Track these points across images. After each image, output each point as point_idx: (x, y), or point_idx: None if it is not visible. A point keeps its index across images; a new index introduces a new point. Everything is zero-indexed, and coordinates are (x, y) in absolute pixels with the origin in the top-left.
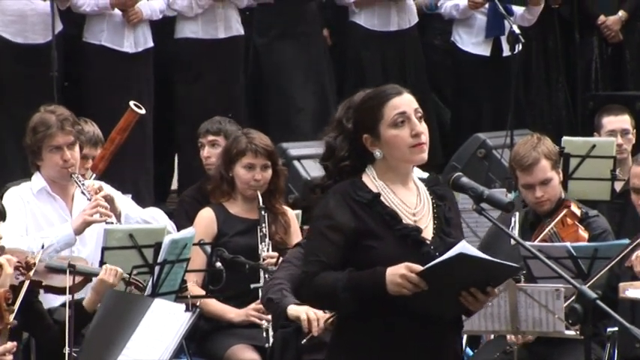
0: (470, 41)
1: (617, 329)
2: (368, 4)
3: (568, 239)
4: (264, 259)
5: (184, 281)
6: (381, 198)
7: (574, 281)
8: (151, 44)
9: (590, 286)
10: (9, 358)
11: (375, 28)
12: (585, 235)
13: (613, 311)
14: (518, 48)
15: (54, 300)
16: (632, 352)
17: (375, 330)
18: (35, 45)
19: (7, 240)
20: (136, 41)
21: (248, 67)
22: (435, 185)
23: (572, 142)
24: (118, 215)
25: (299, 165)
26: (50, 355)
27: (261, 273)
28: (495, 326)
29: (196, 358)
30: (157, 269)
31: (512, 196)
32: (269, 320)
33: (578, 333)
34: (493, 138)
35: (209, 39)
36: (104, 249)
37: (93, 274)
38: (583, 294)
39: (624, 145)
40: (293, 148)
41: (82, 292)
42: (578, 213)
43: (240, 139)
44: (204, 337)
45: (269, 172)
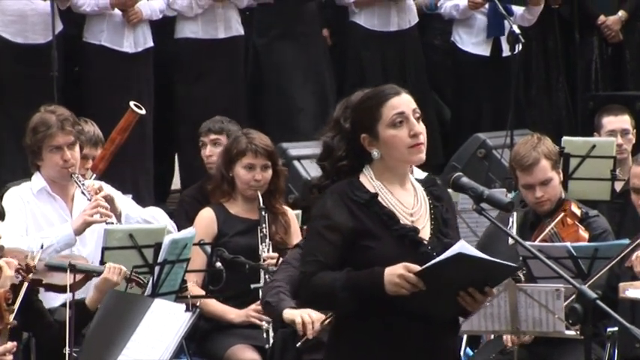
0: (470, 41)
1: (617, 329)
2: (368, 4)
3: (568, 239)
4: (264, 259)
5: (184, 281)
6: (379, 198)
7: (574, 281)
8: (151, 44)
9: (590, 286)
10: (9, 358)
11: (375, 28)
12: (585, 235)
13: (613, 311)
14: (518, 48)
15: (54, 300)
16: (632, 352)
17: (373, 330)
18: (35, 45)
19: (7, 240)
20: (136, 41)
21: (248, 67)
22: (432, 186)
23: (572, 142)
24: (118, 215)
25: (299, 165)
26: (50, 355)
27: (262, 273)
28: (495, 326)
29: (196, 358)
30: (157, 269)
31: (511, 196)
32: (269, 321)
33: (578, 333)
34: (493, 138)
35: (209, 39)
36: (104, 249)
37: (93, 271)
38: (583, 294)
39: (624, 145)
40: (293, 148)
41: (82, 292)
42: (578, 213)
43: (240, 139)
44: (204, 337)
45: (269, 172)
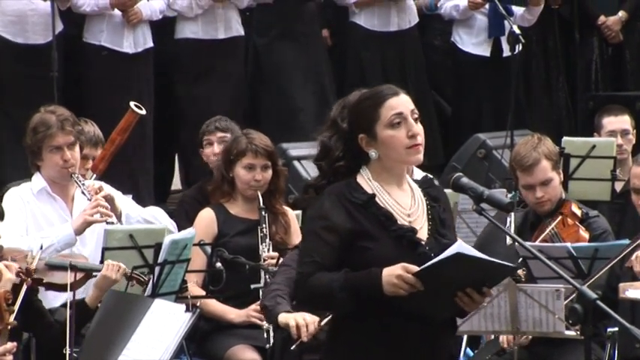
0: (470, 42)
1: (617, 329)
2: (368, 4)
3: (569, 239)
4: (264, 259)
5: (184, 282)
6: (376, 199)
7: (574, 281)
8: (151, 44)
9: (590, 286)
10: (9, 358)
11: (375, 28)
12: (586, 236)
13: (613, 311)
14: (518, 48)
15: (54, 300)
16: (632, 352)
17: (371, 330)
18: (35, 45)
19: (7, 240)
20: (136, 41)
21: (248, 67)
22: (429, 187)
23: (573, 143)
24: (118, 215)
25: (299, 165)
26: (50, 355)
27: (262, 273)
28: (495, 326)
29: (196, 358)
30: (157, 270)
31: (510, 196)
32: None
33: (578, 333)
34: (493, 138)
35: (209, 39)
36: (104, 249)
37: (94, 270)
38: (583, 294)
39: (624, 146)
40: (293, 148)
41: (82, 293)
42: (578, 213)
43: (240, 139)
44: (204, 338)
45: (269, 172)
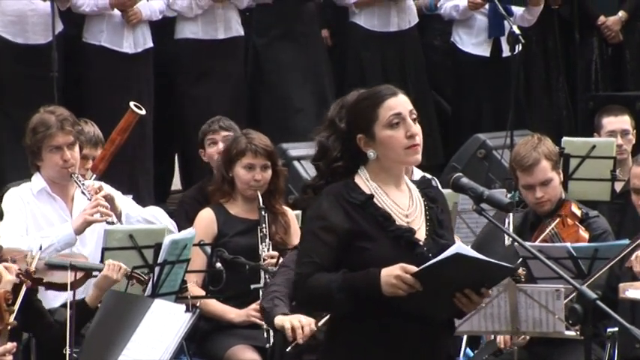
0: (470, 42)
1: (617, 329)
2: (368, 4)
3: (568, 239)
4: (264, 259)
5: (184, 282)
6: (374, 199)
7: (574, 281)
8: (151, 45)
9: (590, 286)
10: (9, 358)
11: (375, 28)
12: (586, 236)
13: (613, 312)
14: (518, 48)
15: (54, 300)
16: (632, 352)
17: (370, 331)
18: (35, 45)
19: (7, 240)
20: (136, 42)
21: (248, 68)
22: (427, 187)
23: (572, 143)
24: (118, 215)
25: (299, 165)
26: (50, 355)
27: (262, 273)
28: (495, 326)
29: (196, 358)
30: (157, 270)
31: (510, 196)
32: None
33: (578, 333)
34: (493, 138)
35: (209, 39)
36: (104, 249)
37: (94, 269)
38: (583, 294)
39: (624, 146)
40: (293, 148)
41: (82, 292)
42: (578, 213)
43: (240, 139)
44: (204, 338)
45: (269, 172)
